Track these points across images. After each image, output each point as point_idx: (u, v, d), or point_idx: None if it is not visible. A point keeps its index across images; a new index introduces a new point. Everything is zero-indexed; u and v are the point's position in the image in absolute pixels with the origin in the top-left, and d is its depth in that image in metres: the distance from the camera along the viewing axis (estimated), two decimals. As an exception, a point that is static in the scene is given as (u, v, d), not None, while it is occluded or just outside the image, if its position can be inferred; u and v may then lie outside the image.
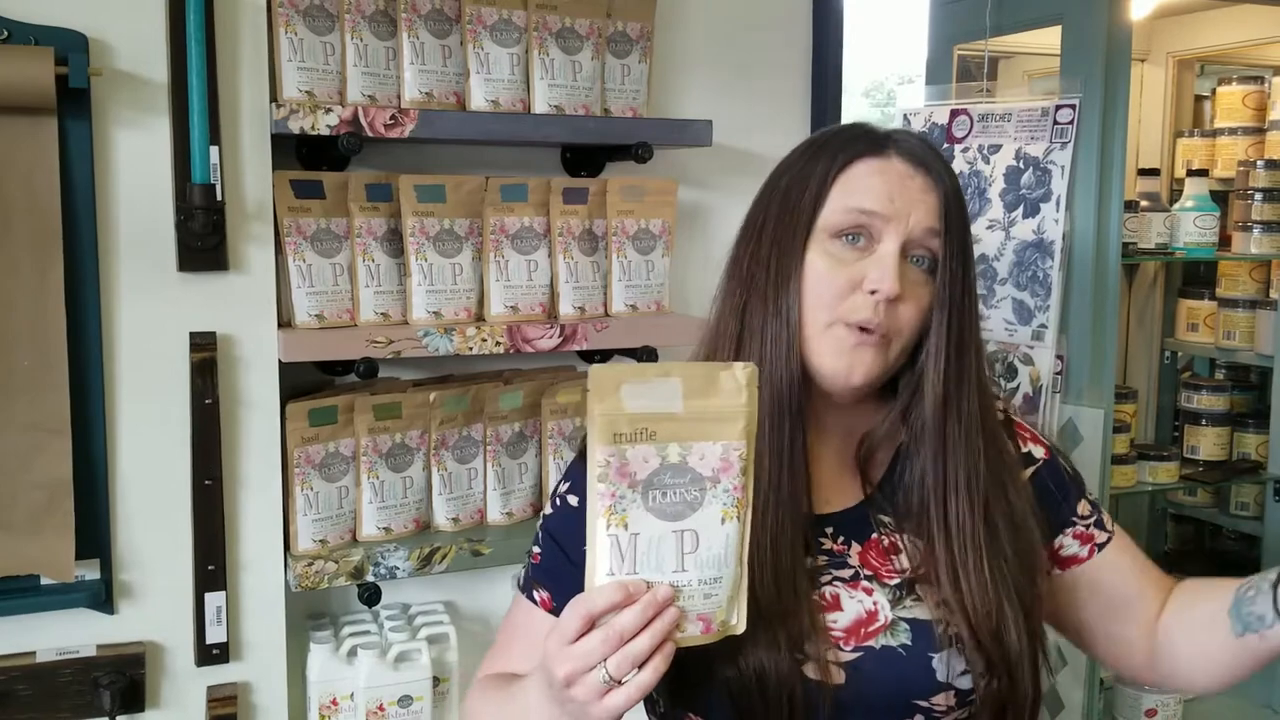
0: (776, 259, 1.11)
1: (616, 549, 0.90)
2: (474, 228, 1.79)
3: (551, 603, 1.15)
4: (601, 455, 0.89)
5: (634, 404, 0.89)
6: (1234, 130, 2.33)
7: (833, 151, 1.12)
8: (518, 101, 1.81)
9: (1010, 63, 2.45)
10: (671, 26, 2.04)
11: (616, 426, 0.89)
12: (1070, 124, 1.77)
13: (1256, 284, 2.25)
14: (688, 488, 0.90)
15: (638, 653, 0.88)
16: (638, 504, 0.89)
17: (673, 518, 0.90)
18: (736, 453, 0.91)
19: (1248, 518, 2.27)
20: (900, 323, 1.08)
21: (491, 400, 1.84)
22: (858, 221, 1.08)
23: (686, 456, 0.90)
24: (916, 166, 1.10)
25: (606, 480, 0.89)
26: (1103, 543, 1.21)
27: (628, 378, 0.89)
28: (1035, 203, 1.83)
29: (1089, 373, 1.82)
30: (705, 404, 0.90)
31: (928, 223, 1.08)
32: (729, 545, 0.91)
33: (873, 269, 1.06)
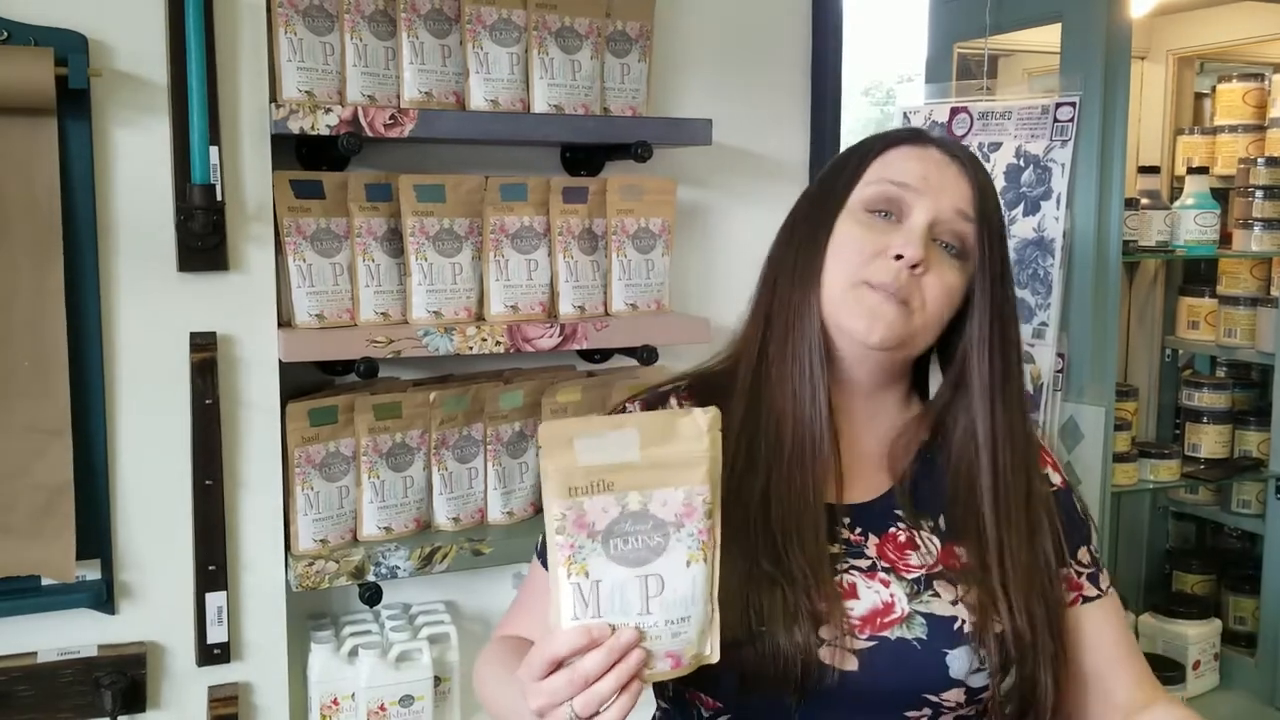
0: (808, 230, 1.14)
1: (579, 595, 0.91)
2: (474, 227, 1.79)
3: None
4: (557, 509, 0.90)
5: (588, 457, 0.90)
6: (1234, 128, 2.33)
7: (872, 142, 1.16)
8: (517, 101, 1.81)
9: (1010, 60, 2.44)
10: (671, 26, 2.04)
11: (571, 480, 0.90)
12: (1070, 122, 1.77)
13: (1257, 281, 2.25)
14: (649, 534, 0.91)
15: (603, 694, 0.90)
16: (598, 552, 0.91)
17: (635, 564, 0.91)
18: (700, 497, 0.91)
19: (1249, 515, 2.27)
20: (924, 293, 1.10)
21: (492, 400, 1.84)
22: (889, 194, 1.10)
23: (647, 504, 0.91)
24: (953, 158, 1.13)
25: (564, 532, 0.91)
26: (1091, 597, 1.17)
27: (578, 432, 0.91)
28: (1036, 200, 1.83)
29: (1090, 370, 1.82)
30: (664, 451, 0.91)
31: (958, 205, 1.11)
32: (696, 586, 0.92)
33: (898, 238, 1.09)
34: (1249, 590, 2.27)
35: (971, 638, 1.06)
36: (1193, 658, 2.15)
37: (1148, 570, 2.48)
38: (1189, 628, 2.17)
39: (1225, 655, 2.25)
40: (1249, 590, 2.27)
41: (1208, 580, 2.42)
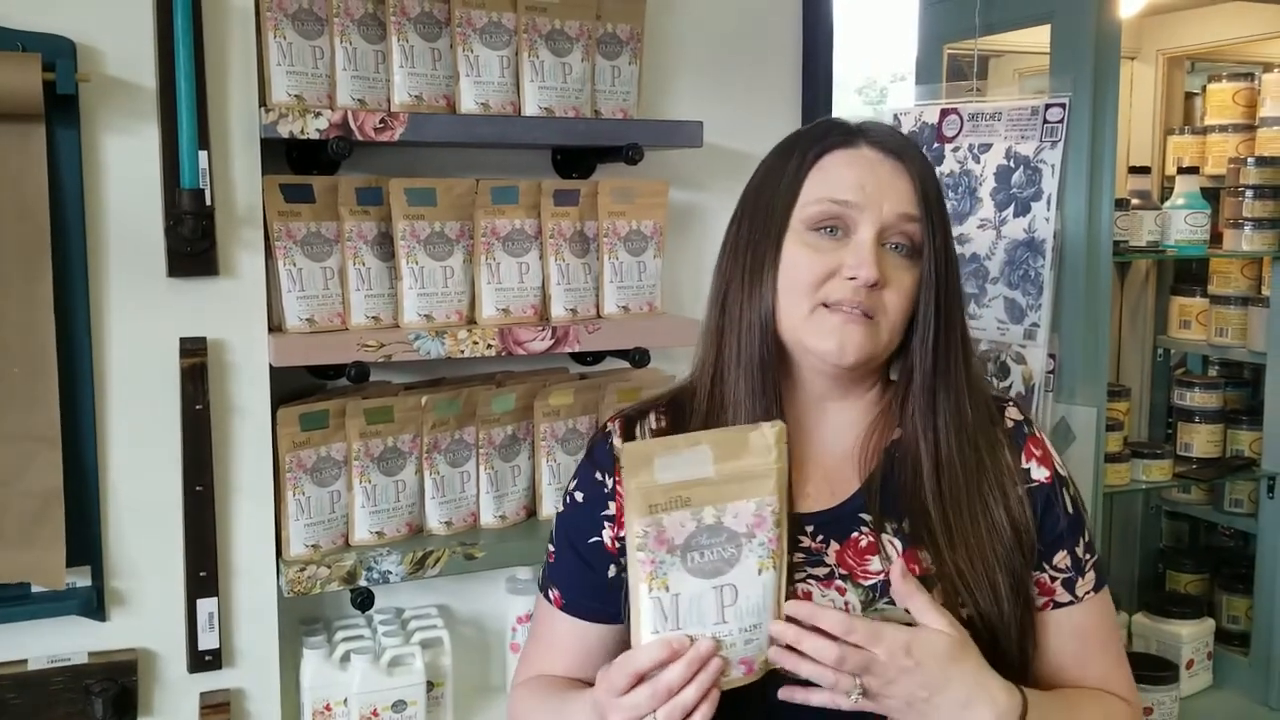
0: (752, 252, 1.14)
1: (659, 610, 0.96)
2: (465, 230, 1.79)
3: (562, 600, 1.20)
4: (639, 526, 0.95)
5: (666, 475, 0.95)
6: (1224, 127, 2.33)
7: (804, 147, 1.15)
8: (508, 104, 1.81)
9: (1000, 61, 2.45)
10: (661, 28, 2.04)
11: (651, 499, 0.95)
12: (1060, 122, 1.78)
13: (1248, 281, 2.25)
14: (724, 546, 0.96)
15: (685, 703, 0.94)
16: (677, 567, 0.95)
17: (711, 575, 0.95)
18: (769, 508, 0.96)
19: (1242, 514, 2.27)
20: (885, 306, 1.10)
21: (483, 403, 1.83)
22: (832, 212, 1.10)
23: (721, 517, 0.96)
24: (886, 154, 1.12)
25: (646, 549, 0.95)
26: (1062, 603, 1.15)
27: (659, 451, 0.96)
28: (1026, 201, 1.83)
29: (1081, 371, 1.82)
30: (736, 465, 0.96)
31: (902, 208, 1.10)
32: (767, 593, 0.96)
33: (850, 257, 1.09)
34: (1242, 589, 2.28)
35: None
36: (1186, 657, 2.15)
37: (1141, 570, 2.48)
38: (1182, 627, 2.17)
39: (1219, 654, 2.25)
40: (1242, 589, 2.28)
41: (1201, 580, 2.42)
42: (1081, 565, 1.16)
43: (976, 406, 1.15)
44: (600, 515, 1.18)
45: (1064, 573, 1.15)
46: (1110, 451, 1.98)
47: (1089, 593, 1.16)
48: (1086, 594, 1.15)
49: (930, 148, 2.04)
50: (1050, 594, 1.15)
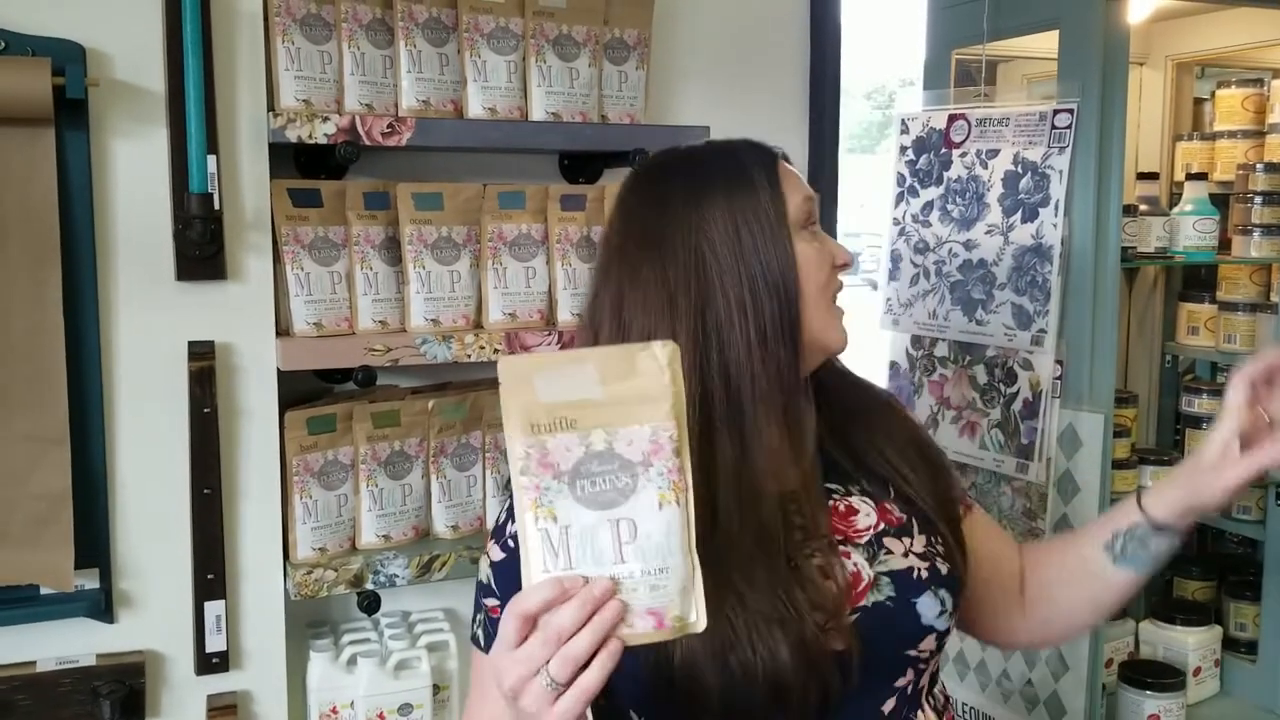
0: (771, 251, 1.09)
1: (548, 543, 0.86)
2: (472, 235, 1.79)
3: None
4: (520, 447, 0.86)
5: (548, 394, 0.85)
6: (1234, 133, 2.31)
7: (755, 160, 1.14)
8: (515, 109, 1.81)
9: (1009, 66, 2.44)
10: (669, 33, 2.05)
11: (533, 417, 0.85)
12: (1068, 128, 1.77)
13: (1257, 287, 2.24)
14: (617, 474, 0.86)
15: (578, 653, 0.84)
16: (565, 494, 0.86)
17: (604, 506, 0.86)
18: (666, 434, 0.86)
19: (1250, 521, 2.25)
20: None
21: (490, 407, 1.84)
22: (809, 208, 1.15)
23: (612, 442, 0.86)
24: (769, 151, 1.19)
25: (529, 473, 0.86)
26: (970, 505, 1.31)
27: (540, 367, 0.86)
28: (1033, 207, 1.83)
29: (1088, 377, 1.81)
30: (626, 386, 0.86)
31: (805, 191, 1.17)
32: (670, 531, 0.86)
33: (831, 246, 1.15)
34: (1250, 596, 2.26)
35: (929, 582, 1.12)
36: (1193, 664, 2.14)
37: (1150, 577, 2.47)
38: (1189, 634, 2.16)
39: (1226, 661, 2.23)
40: (1250, 596, 2.26)
41: (1208, 587, 2.40)
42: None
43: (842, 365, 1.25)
44: None
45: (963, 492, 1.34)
46: (1118, 458, 1.97)
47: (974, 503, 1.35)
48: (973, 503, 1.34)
49: (938, 153, 2.04)
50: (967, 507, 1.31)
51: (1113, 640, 2.15)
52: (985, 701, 2.05)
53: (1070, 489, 1.84)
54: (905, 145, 2.12)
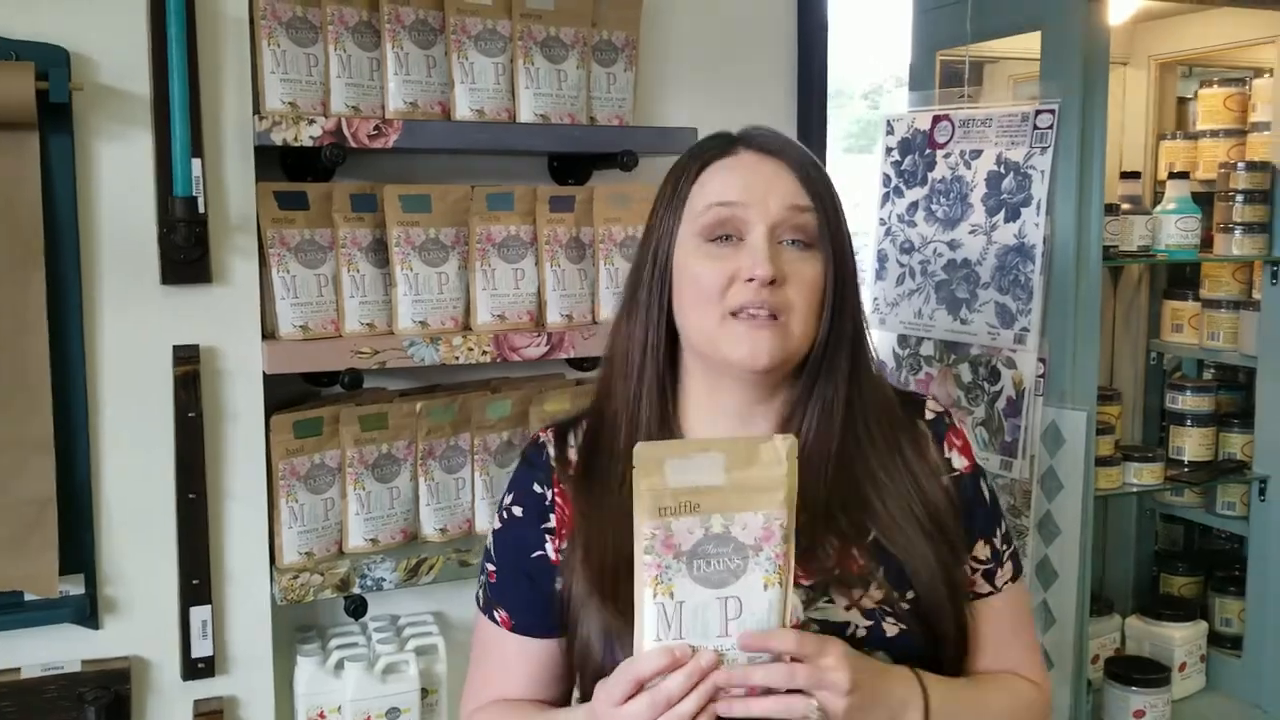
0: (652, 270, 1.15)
1: (663, 616, 0.94)
2: (460, 237, 1.79)
3: (511, 621, 1.18)
4: (648, 529, 0.93)
5: (677, 478, 0.93)
6: (1216, 132, 2.33)
7: (686, 163, 1.17)
8: (503, 111, 1.81)
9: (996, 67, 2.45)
10: (657, 35, 2.05)
11: (661, 501, 0.93)
12: (1050, 129, 1.78)
13: (1239, 285, 2.26)
14: (731, 556, 0.94)
15: (684, 715, 0.92)
16: (683, 573, 0.94)
17: (716, 585, 0.94)
18: (777, 521, 0.94)
19: (1234, 517, 2.27)
20: (790, 303, 1.10)
21: (479, 409, 1.84)
22: (721, 216, 1.11)
23: (729, 526, 0.94)
24: (765, 155, 1.14)
25: (653, 552, 0.94)
26: (982, 593, 1.18)
27: (671, 453, 0.94)
28: (1016, 207, 1.84)
29: (1071, 375, 1.82)
30: (746, 475, 0.94)
31: (790, 201, 1.11)
32: (772, 609, 0.94)
33: (745, 259, 1.10)
34: (1235, 592, 2.28)
35: (865, 642, 1.07)
36: (1179, 660, 2.16)
37: (1136, 573, 2.49)
38: (1175, 630, 2.18)
39: (1212, 657, 2.25)
40: (1235, 592, 2.28)
41: (1195, 582, 2.42)
42: (1000, 556, 1.19)
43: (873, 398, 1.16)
44: (541, 528, 1.17)
45: (984, 564, 1.18)
46: (1101, 455, 1.98)
47: (1007, 582, 1.19)
48: (1005, 584, 1.19)
49: (923, 154, 2.05)
50: (971, 585, 1.17)
51: (1100, 636, 2.17)
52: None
53: (1053, 486, 1.85)
54: (891, 146, 2.14)
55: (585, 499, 1.15)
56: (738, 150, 1.16)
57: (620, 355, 1.18)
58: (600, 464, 1.16)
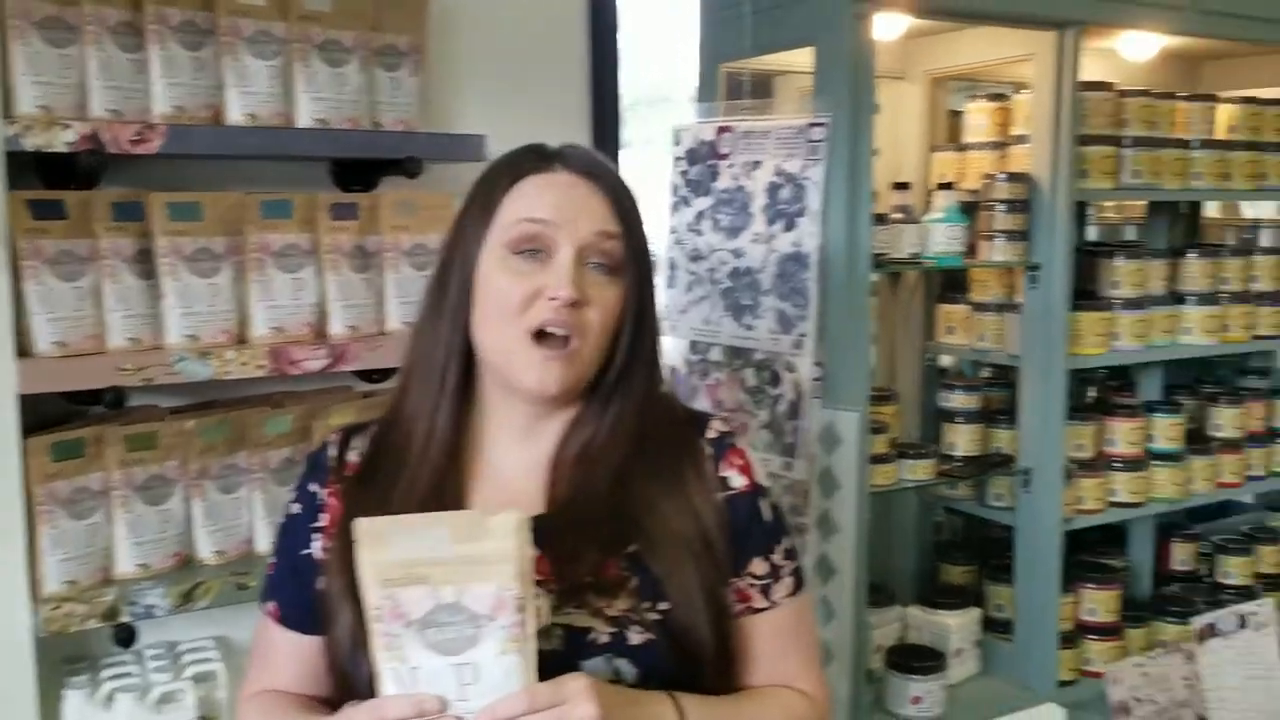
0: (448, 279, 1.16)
1: (398, 680, 0.96)
2: (234, 246, 1.73)
3: (279, 613, 1.19)
4: (374, 598, 0.95)
5: (402, 552, 0.95)
6: (982, 144, 2.47)
7: (499, 173, 1.17)
8: (279, 115, 1.76)
9: (785, 80, 2.53)
10: (447, 40, 2.03)
11: (386, 573, 0.95)
12: (823, 141, 1.85)
13: (1004, 289, 2.40)
14: (464, 625, 0.95)
15: None
16: (415, 641, 0.95)
17: (451, 652, 0.95)
18: (510, 593, 0.95)
19: (1002, 508, 2.41)
20: (589, 326, 1.12)
21: (257, 426, 1.78)
22: (528, 232, 1.12)
23: (460, 597, 0.95)
24: (581, 175, 1.16)
25: (382, 621, 0.95)
26: (759, 609, 1.19)
27: (396, 527, 0.95)
28: (793, 217, 1.91)
29: (846, 377, 1.90)
30: (474, 548, 0.95)
31: (599, 226, 1.13)
32: (509, 675, 0.96)
33: (550, 277, 1.11)
34: (1006, 579, 2.42)
35: (608, 649, 1.08)
36: (954, 646, 2.27)
37: (918, 564, 2.61)
38: (950, 618, 2.29)
39: (986, 642, 2.38)
40: (1006, 579, 2.42)
41: (970, 571, 2.56)
42: (778, 571, 1.19)
43: (660, 417, 1.19)
44: (311, 527, 1.18)
45: (761, 579, 1.18)
46: (877, 453, 2.07)
47: (786, 597, 1.20)
48: (783, 598, 1.19)
49: (708, 164, 2.10)
50: (748, 600, 1.18)
51: (882, 627, 2.27)
52: (762, 694, 2.12)
53: (830, 485, 1.92)
54: (679, 156, 2.18)
55: (358, 500, 1.13)
56: (554, 167, 1.16)
57: (422, 361, 1.17)
58: (384, 467, 1.16)
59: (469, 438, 1.18)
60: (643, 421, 1.17)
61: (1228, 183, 2.55)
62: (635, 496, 1.15)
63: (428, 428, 1.16)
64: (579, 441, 1.18)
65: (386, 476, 1.15)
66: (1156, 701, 2.27)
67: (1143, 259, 2.46)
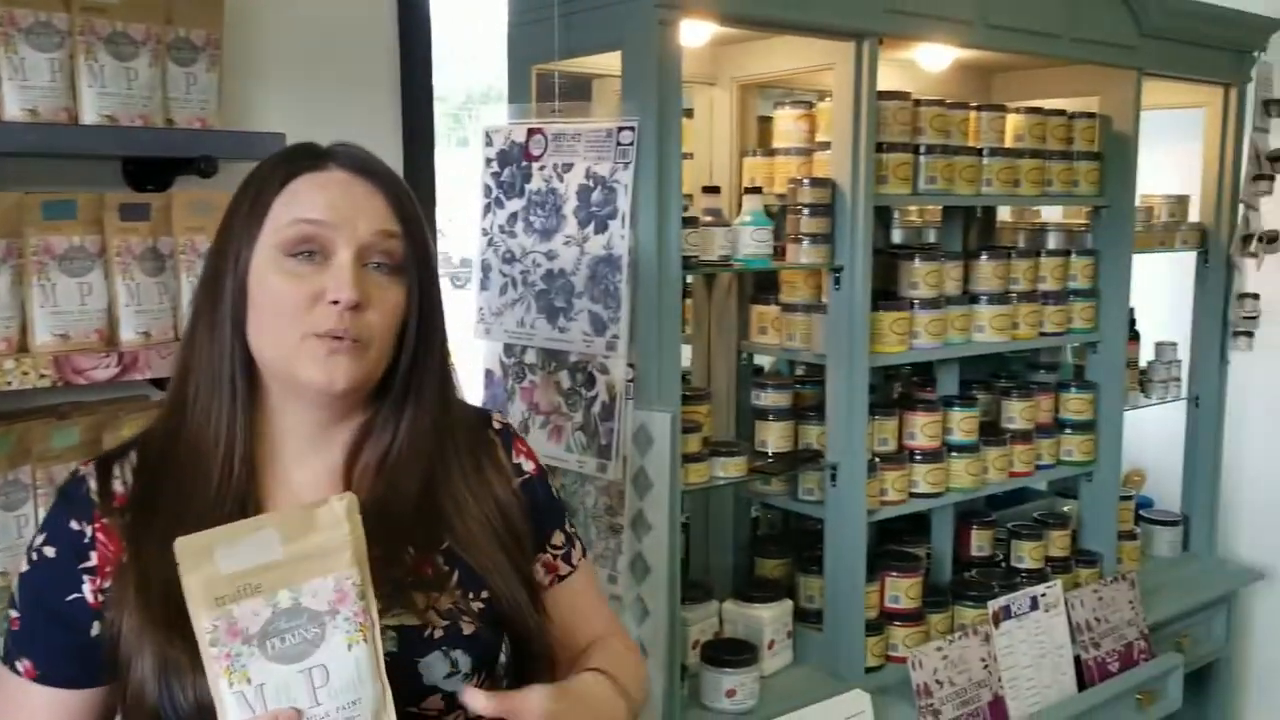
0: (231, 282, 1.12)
1: (244, 703, 0.91)
2: (13, 249, 1.63)
3: (35, 670, 1.09)
4: (207, 621, 0.90)
5: (231, 564, 0.91)
6: (789, 150, 2.55)
7: (269, 173, 1.14)
8: (62, 111, 1.67)
9: (604, 83, 2.54)
10: (247, 34, 1.97)
11: (216, 590, 0.90)
12: (631, 145, 1.88)
13: (811, 290, 2.48)
14: (306, 627, 0.92)
15: None
16: (256, 656, 0.91)
17: (296, 659, 0.92)
18: (349, 581, 0.93)
19: (813, 502, 2.49)
20: (372, 329, 1.11)
21: (41, 439, 1.68)
22: (304, 233, 1.10)
23: (299, 598, 0.92)
24: (356, 174, 1.14)
25: (219, 643, 0.91)
26: (564, 575, 1.31)
27: (219, 540, 0.91)
28: (604, 220, 1.92)
29: (657, 379, 1.93)
30: (306, 543, 0.93)
31: (379, 225, 1.12)
32: (361, 667, 0.93)
33: (330, 280, 1.09)
34: (817, 571, 2.50)
35: (442, 642, 1.10)
36: (768, 638, 2.33)
37: (735, 559, 2.66)
38: (764, 610, 2.35)
39: (798, 632, 2.45)
40: (817, 571, 2.50)
41: (784, 564, 2.63)
42: (572, 539, 1.33)
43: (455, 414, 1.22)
44: (79, 569, 1.10)
45: (561, 549, 1.31)
46: (690, 452, 2.10)
47: (580, 559, 1.34)
48: (579, 560, 1.34)
49: (520, 165, 2.09)
50: (555, 570, 1.30)
51: (699, 622, 2.30)
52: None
53: (644, 485, 1.95)
54: (490, 157, 2.16)
55: (141, 530, 1.08)
56: (328, 166, 1.13)
57: (201, 371, 1.13)
58: (168, 490, 1.10)
59: (260, 448, 1.15)
60: (441, 422, 1.18)
61: (1016, 189, 2.70)
62: (442, 494, 1.16)
63: (223, 441, 1.11)
64: (378, 449, 1.17)
65: (177, 499, 1.09)
66: (955, 683, 2.39)
67: (939, 261, 2.58)
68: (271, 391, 1.14)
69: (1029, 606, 2.62)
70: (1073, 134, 2.85)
